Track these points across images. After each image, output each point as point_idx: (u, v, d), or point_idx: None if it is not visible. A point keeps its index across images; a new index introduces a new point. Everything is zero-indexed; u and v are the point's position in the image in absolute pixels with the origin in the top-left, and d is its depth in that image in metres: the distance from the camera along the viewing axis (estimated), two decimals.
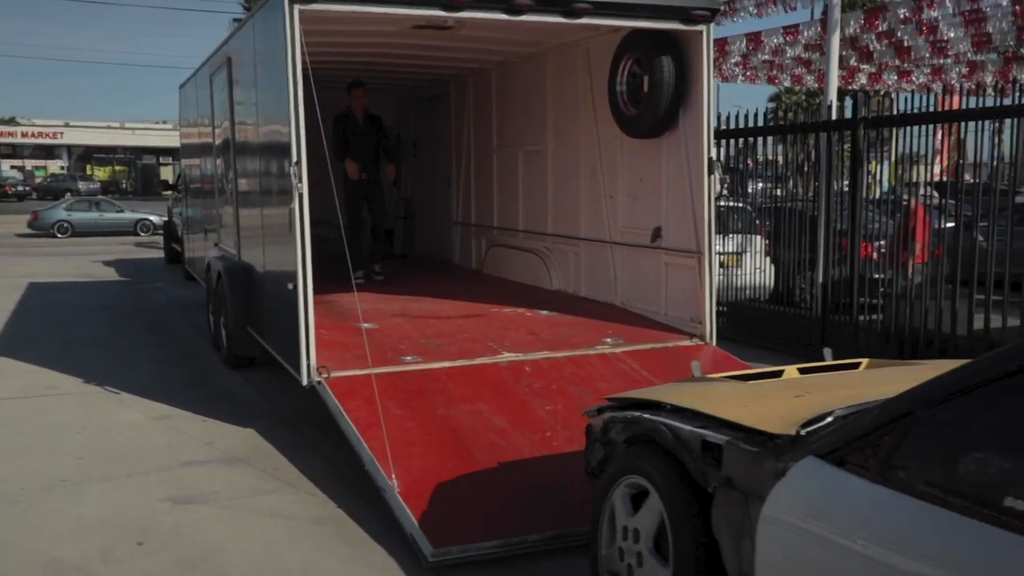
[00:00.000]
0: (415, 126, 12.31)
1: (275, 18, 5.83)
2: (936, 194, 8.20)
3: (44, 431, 6.11)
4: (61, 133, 58.08)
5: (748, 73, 16.46)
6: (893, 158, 8.84)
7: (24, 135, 57.95)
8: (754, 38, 14.03)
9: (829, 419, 2.74)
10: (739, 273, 9.68)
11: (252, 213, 7.43)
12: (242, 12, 39.14)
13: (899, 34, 12.68)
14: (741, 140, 9.26)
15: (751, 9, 11.35)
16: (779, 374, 3.88)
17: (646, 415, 3.37)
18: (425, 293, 8.62)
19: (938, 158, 8.32)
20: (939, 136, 7.92)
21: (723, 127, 9.26)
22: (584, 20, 6.17)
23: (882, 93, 18.46)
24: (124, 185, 57.90)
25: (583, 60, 8.00)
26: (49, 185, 52.09)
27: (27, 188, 51.76)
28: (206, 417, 6.44)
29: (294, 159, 5.58)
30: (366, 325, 7.02)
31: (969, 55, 13.37)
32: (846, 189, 8.09)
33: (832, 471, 2.51)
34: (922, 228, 7.67)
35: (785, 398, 3.21)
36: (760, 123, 8.90)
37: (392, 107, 12.20)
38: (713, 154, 6.58)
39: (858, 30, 12.81)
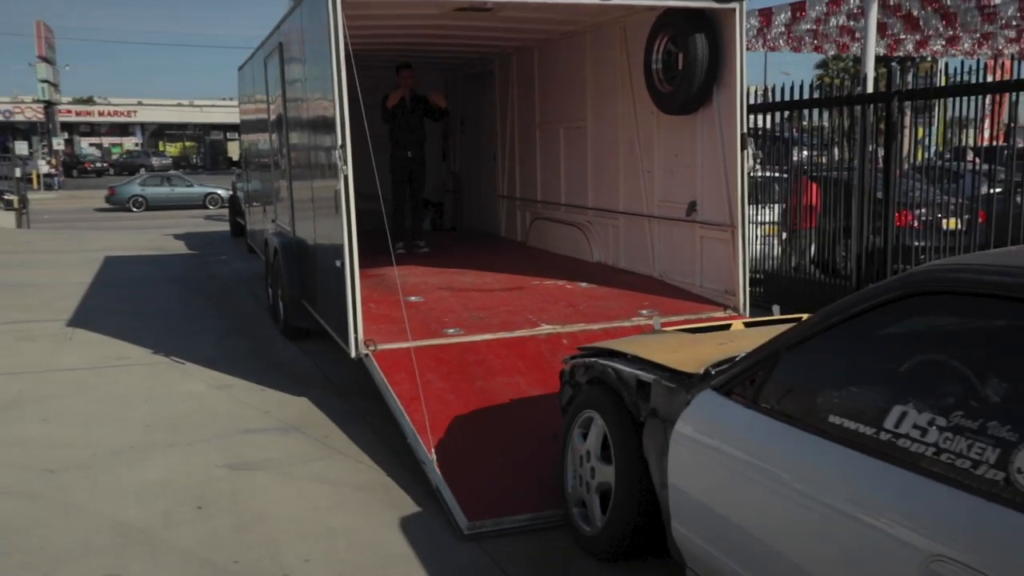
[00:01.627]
0: (462, 102, 12.56)
1: (319, 4, 6.12)
2: (978, 160, 8.17)
3: (114, 400, 6.60)
4: (135, 111, 59.97)
5: (792, 43, 16.28)
6: (940, 125, 8.79)
7: (101, 114, 59.93)
8: (798, 8, 13.88)
9: (743, 355, 3.23)
10: (778, 242, 9.76)
11: (303, 192, 7.81)
12: None
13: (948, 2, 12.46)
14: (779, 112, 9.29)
15: None
16: (727, 327, 4.48)
17: (600, 360, 4.02)
18: (471, 266, 8.93)
19: (986, 123, 8.26)
20: (985, 103, 7.85)
21: (761, 100, 9.30)
22: (617, 1, 6.34)
23: (928, 59, 17.99)
24: (194, 160, 59.48)
25: (620, 38, 8.15)
26: (124, 161, 53.93)
27: (104, 164, 53.63)
28: (264, 387, 6.87)
29: (339, 142, 5.90)
30: (413, 298, 7.38)
31: (1015, 21, 13.07)
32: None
33: (721, 400, 3.11)
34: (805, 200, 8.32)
35: (711, 345, 3.76)
36: (801, 94, 8.92)
37: (439, 84, 12.45)
38: (746, 130, 6.71)
39: None
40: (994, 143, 8.83)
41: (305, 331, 8.32)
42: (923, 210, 7.58)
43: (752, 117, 8.76)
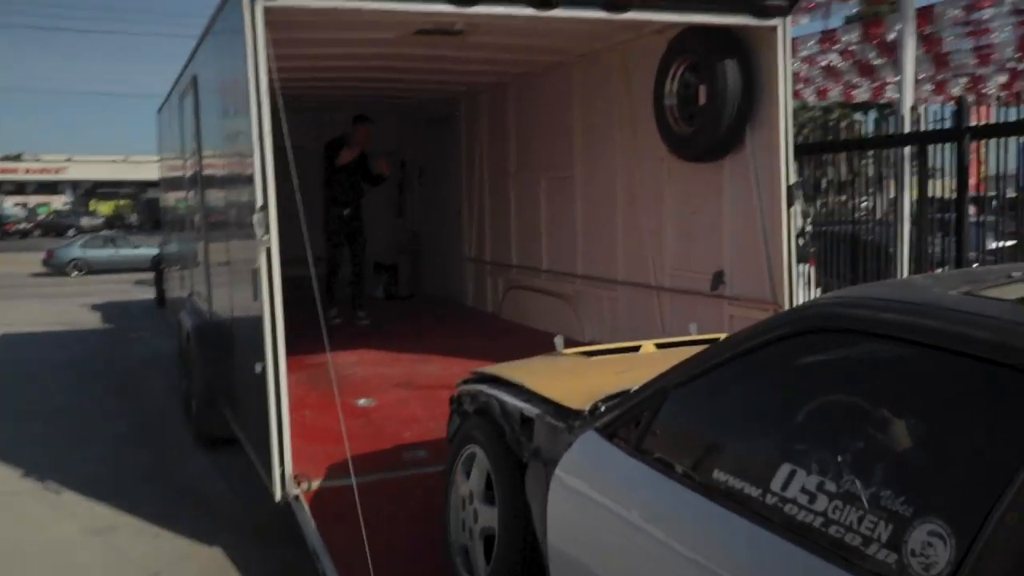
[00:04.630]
0: (421, 151, 11.01)
1: (234, 22, 4.51)
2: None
3: None
4: (64, 168, 57.23)
5: None
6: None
7: (28, 171, 57.14)
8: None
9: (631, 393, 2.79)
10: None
11: (220, 264, 6.08)
12: None
13: (945, 42, 11.48)
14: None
15: None
16: (637, 349, 4.08)
17: (486, 389, 3.58)
18: (434, 350, 7.26)
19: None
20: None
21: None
22: (630, 15, 4.85)
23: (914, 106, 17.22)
24: (128, 220, 56.52)
25: (619, 69, 6.68)
26: (52, 222, 51.31)
27: (29, 226, 50.78)
28: (159, 528, 5.07)
29: (259, 202, 4.23)
30: (362, 401, 5.73)
31: (1010, 63, 12.20)
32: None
33: (602, 444, 2.71)
34: None
35: (607, 375, 3.32)
36: (835, 136, 7.58)
37: (393, 130, 10.91)
38: (792, 180, 5.22)
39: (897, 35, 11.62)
40: (979, 192, 7.71)
41: (224, 439, 6.52)
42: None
43: None
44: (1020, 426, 1.65)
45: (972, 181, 7.19)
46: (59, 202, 58.48)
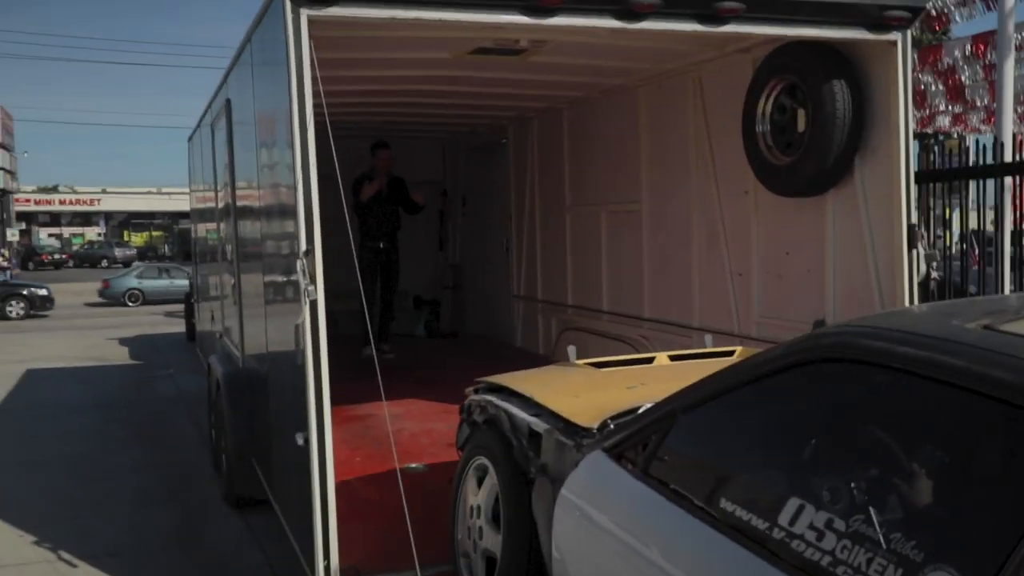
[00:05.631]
0: (465, 180, 10.43)
1: (274, 33, 3.93)
2: None
3: None
4: (98, 200, 57.76)
5: None
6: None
7: (62, 203, 57.69)
8: None
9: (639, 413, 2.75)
10: None
11: (253, 304, 5.47)
12: None
13: (959, 74, 10.89)
14: None
15: None
16: (651, 360, 4.03)
17: (496, 400, 3.51)
18: None
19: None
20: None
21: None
22: (729, 28, 4.18)
23: (954, 137, 16.58)
24: (161, 251, 56.63)
25: (694, 92, 6.05)
26: (85, 253, 51.40)
27: (63, 256, 50.85)
28: None
29: (302, 246, 3.59)
30: (413, 465, 5.05)
31: None
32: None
33: (610, 465, 2.65)
34: None
35: (618, 389, 3.27)
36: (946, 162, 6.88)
37: (435, 158, 10.35)
38: (916, 220, 4.53)
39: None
40: None
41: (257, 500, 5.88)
42: None
43: None
44: None
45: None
46: (93, 233, 58.88)
